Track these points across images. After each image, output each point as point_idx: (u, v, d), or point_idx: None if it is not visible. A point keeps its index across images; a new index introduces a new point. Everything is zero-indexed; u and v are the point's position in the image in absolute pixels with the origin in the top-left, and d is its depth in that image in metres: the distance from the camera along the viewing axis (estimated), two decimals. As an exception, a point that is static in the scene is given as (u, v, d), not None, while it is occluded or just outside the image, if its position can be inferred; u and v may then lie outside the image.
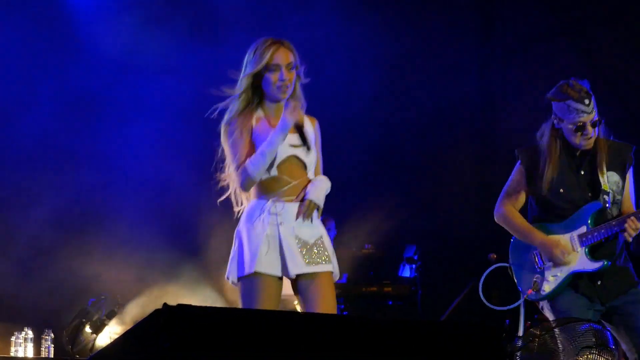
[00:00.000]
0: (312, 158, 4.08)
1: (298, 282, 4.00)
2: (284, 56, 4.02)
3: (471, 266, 7.43)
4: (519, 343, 4.38)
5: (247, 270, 3.90)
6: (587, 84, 4.65)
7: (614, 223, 4.65)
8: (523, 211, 4.93)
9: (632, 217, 4.57)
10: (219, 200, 4.15)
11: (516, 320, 6.16)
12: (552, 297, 4.75)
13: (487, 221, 7.74)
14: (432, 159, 8.45)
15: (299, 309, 4.77)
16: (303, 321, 3.13)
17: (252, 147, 3.99)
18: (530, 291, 4.75)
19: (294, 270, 3.93)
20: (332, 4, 7.91)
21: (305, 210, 3.97)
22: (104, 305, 6.73)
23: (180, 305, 2.65)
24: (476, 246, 7.78)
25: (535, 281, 4.77)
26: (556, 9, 8.26)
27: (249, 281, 3.93)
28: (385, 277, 7.76)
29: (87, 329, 6.58)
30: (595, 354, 4.27)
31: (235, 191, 4.13)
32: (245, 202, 4.10)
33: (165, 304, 2.62)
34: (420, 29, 8.14)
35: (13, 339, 6.44)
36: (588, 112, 4.59)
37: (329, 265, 4.01)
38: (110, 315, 6.67)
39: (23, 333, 6.48)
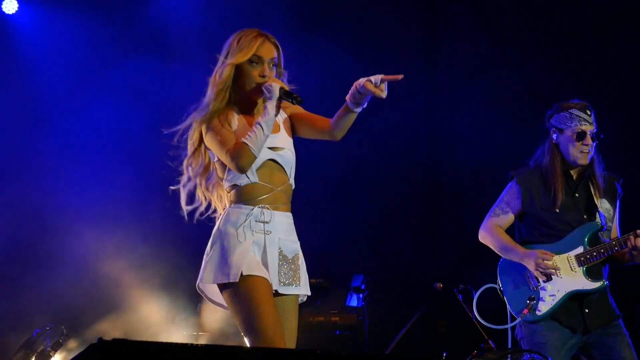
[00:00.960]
0: (291, 159, 3.90)
1: (276, 298, 3.85)
2: (269, 50, 3.85)
3: (417, 295, 7.69)
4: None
5: (234, 276, 3.70)
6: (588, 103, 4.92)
7: (614, 243, 4.77)
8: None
9: (632, 235, 4.68)
10: (171, 188, 3.97)
11: (456, 351, 6.30)
12: (542, 320, 4.81)
13: (433, 251, 8.47)
14: (377, 190, 8.44)
15: None
16: (245, 357, 3.01)
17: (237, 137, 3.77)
18: (525, 311, 4.81)
19: (283, 289, 3.80)
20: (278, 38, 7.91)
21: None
22: (49, 336, 6.55)
23: (115, 340, 2.61)
24: (422, 276, 7.92)
25: (530, 303, 4.81)
26: (500, 41, 8.36)
27: (242, 284, 3.71)
28: (333, 307, 7.65)
29: (33, 360, 6.48)
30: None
31: (199, 188, 3.95)
32: (218, 205, 3.94)
33: (100, 338, 2.58)
34: (365, 63, 8.14)
35: (-44, 369, 6.31)
36: (589, 121, 4.84)
37: (297, 288, 3.86)
38: (55, 347, 6.49)
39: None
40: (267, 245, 3.77)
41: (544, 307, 4.83)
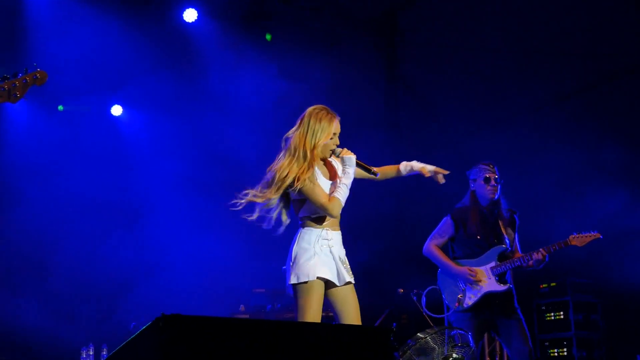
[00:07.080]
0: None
1: (338, 289, 4.31)
2: (339, 126, 4.38)
3: (387, 298, 8.28)
4: (411, 343, 5.11)
5: (311, 277, 4.17)
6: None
7: (515, 259, 5.31)
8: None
9: (541, 250, 5.24)
10: (247, 218, 4.33)
11: (414, 333, 5.69)
12: (466, 310, 5.30)
13: (396, 267, 9.01)
14: (366, 229, 8.93)
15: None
16: (289, 329, 3.20)
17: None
18: (457, 305, 5.29)
19: (346, 279, 4.29)
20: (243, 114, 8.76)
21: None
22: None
23: (175, 315, 2.65)
24: (389, 284, 8.39)
25: (460, 299, 5.26)
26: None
27: (309, 286, 4.18)
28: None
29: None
30: (461, 349, 5.04)
31: (273, 214, 4.34)
32: (283, 224, 4.37)
33: (162, 313, 2.63)
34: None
35: (83, 352, 7.35)
36: (493, 172, 5.43)
37: (351, 277, 4.38)
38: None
39: (87, 349, 7.37)
40: (333, 253, 4.28)
41: (469, 302, 5.33)
